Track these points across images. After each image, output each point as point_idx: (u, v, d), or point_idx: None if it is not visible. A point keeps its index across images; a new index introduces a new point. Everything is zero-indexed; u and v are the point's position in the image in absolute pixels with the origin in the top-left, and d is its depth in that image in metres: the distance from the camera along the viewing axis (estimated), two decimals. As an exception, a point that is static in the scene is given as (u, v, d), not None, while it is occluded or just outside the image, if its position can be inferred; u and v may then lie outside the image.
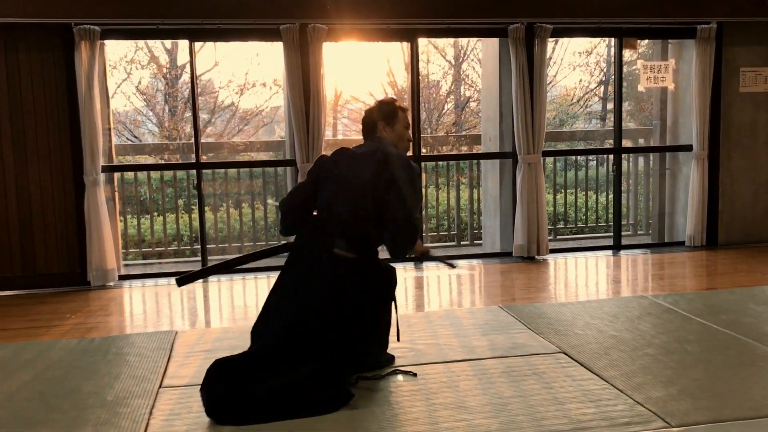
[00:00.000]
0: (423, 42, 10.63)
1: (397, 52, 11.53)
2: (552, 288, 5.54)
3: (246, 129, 11.90)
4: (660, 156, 7.35)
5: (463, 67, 12.53)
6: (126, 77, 10.90)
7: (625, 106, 12.54)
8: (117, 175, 6.40)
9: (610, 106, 11.62)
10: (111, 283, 5.83)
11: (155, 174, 7.41)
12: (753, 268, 5.83)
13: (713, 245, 6.77)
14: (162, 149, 9.80)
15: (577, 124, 13.11)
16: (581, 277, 5.93)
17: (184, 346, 4.01)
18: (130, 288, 5.80)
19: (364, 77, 13.73)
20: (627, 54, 7.02)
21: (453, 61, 12.54)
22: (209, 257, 6.30)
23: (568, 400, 3.08)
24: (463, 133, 11.69)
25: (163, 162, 9.26)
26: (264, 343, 3.17)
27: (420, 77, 6.49)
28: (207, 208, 7.41)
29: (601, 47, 12.36)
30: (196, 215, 6.41)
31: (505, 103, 6.60)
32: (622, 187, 7.38)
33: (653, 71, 6.66)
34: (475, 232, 7.80)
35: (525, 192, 6.31)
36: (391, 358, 3.61)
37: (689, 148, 6.75)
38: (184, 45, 10.40)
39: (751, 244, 6.80)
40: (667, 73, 6.67)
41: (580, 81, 12.89)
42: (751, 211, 6.84)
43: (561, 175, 8.16)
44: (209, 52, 10.87)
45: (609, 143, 8.03)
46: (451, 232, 7.95)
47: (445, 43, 12.08)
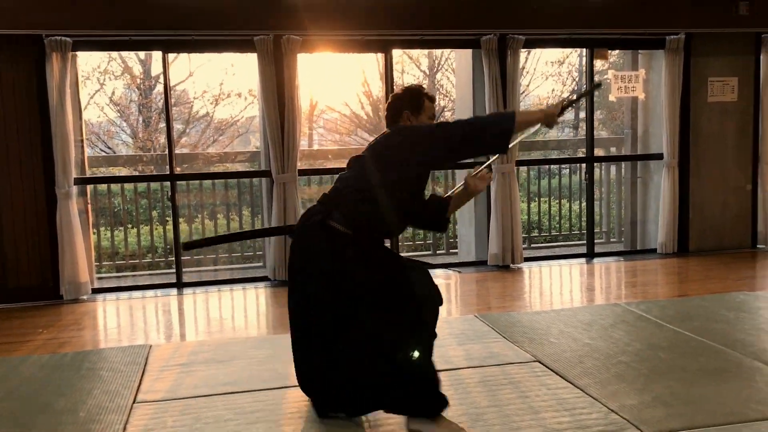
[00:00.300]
0: (398, 52, 10.68)
1: (372, 62, 11.57)
2: (527, 296, 5.59)
3: (221, 139, 11.84)
4: (631, 164, 7.46)
5: (438, 77, 12.60)
6: (99, 88, 10.81)
7: (598, 114, 12.70)
8: (90, 187, 6.33)
9: (583, 114, 11.76)
10: (84, 297, 5.76)
11: (129, 185, 7.35)
12: (723, 275, 5.93)
13: (685, 252, 6.88)
14: (135, 161, 9.71)
15: (551, 133, 13.23)
16: (555, 285, 5.98)
17: (159, 360, 3.97)
18: (104, 301, 5.73)
19: (339, 87, 13.75)
20: (599, 64, 7.13)
21: (428, 71, 12.61)
22: (183, 269, 6.25)
23: (543, 409, 3.11)
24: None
25: (136, 174, 9.17)
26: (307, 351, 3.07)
27: (395, 87, 6.53)
28: (182, 220, 7.35)
29: (573, 57, 12.52)
30: (170, 227, 6.35)
31: (478, 113, 6.66)
32: (596, 196, 7.47)
33: (624, 81, 6.76)
34: (451, 241, 7.84)
35: (499, 201, 6.36)
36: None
37: (660, 156, 6.86)
38: (158, 55, 10.31)
39: (722, 250, 6.91)
40: (637, 83, 6.78)
41: (553, 90, 13.04)
42: (721, 218, 6.96)
43: (535, 183, 8.24)
44: (184, 63, 10.84)
45: (582, 152, 8.12)
46: (427, 241, 7.97)
47: (420, 53, 12.15)
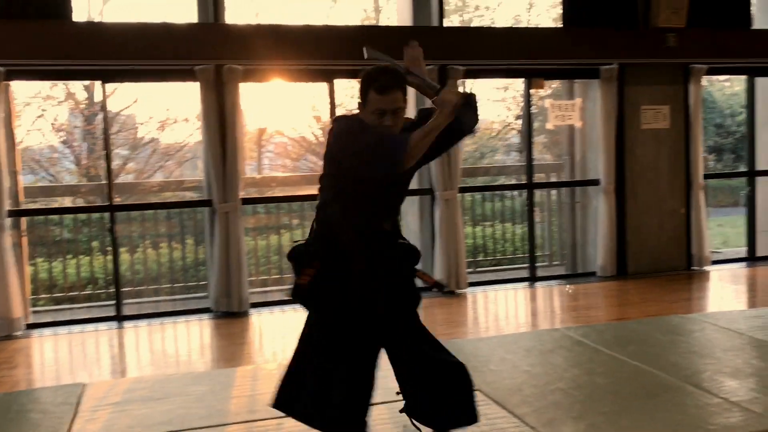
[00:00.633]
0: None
1: (323, 87, 11.56)
2: (470, 322, 5.65)
3: (168, 165, 11.69)
4: (570, 189, 7.64)
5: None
6: (41, 114, 10.56)
7: (542, 138, 12.98)
8: (25, 218, 6.16)
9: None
10: (17, 333, 5.57)
11: (69, 215, 7.18)
12: (660, 297, 6.10)
13: (623, 275, 7.05)
14: (74, 191, 9.48)
15: (497, 156, 13.46)
16: (501, 311, 6.07)
17: (92, 399, 3.87)
18: (40, 337, 5.56)
19: (289, 112, 13.72)
20: (539, 93, 7.32)
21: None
22: (125, 301, 6.13)
23: (479, 440, 3.13)
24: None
25: (77, 205, 8.95)
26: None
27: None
28: (124, 250, 7.20)
29: (518, 83, 12.79)
30: (111, 257, 6.23)
31: (421, 140, 6.72)
32: (537, 219, 7.60)
33: (561, 110, 6.95)
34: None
35: (443, 227, 6.42)
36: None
37: (597, 182, 7.05)
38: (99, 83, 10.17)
39: (659, 272, 7.11)
40: (574, 111, 6.97)
41: (498, 115, 13.32)
42: (657, 240, 7.16)
43: (480, 207, 8.33)
44: (129, 88, 10.66)
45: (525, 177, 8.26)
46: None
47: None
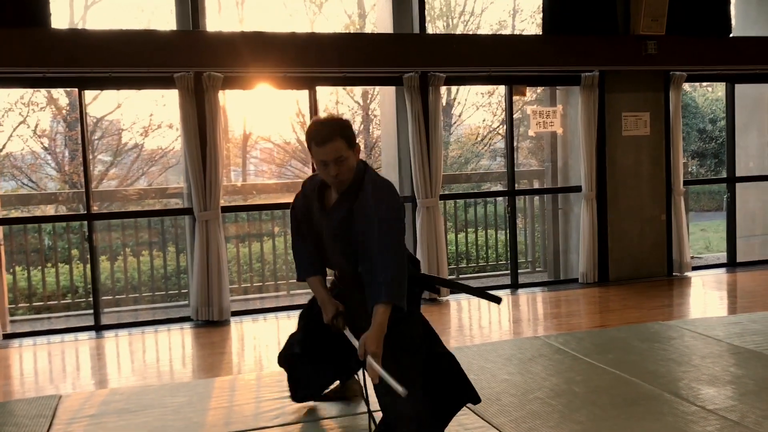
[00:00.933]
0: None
1: (305, 94, 11.53)
2: (451, 331, 5.63)
3: (152, 171, 11.62)
4: (552, 196, 7.66)
5: (372, 106, 12.68)
6: (22, 120, 10.47)
7: (526, 143, 13.03)
8: (2, 227, 6.09)
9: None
10: (-6, 344, 5.51)
11: (48, 224, 7.11)
12: (640, 304, 6.12)
13: (605, 281, 7.07)
14: (51, 199, 9.39)
15: (482, 162, 13.50)
16: (484, 319, 6.05)
17: (68, 411, 3.82)
18: (19, 347, 5.49)
19: (273, 118, 13.68)
20: (522, 99, 7.34)
21: (361, 102, 12.69)
22: (104, 309, 6.07)
23: (456, 452, 3.12)
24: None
25: (51, 215, 8.83)
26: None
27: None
28: (104, 258, 7.14)
29: (502, 89, 12.82)
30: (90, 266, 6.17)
31: (402, 148, 6.73)
32: (520, 226, 7.61)
33: (543, 117, 6.97)
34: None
35: (425, 235, 6.42)
36: None
37: (578, 189, 7.07)
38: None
39: (640, 279, 7.14)
40: (555, 118, 6.99)
41: (484, 120, 13.34)
42: (638, 247, 7.20)
43: (463, 213, 8.34)
44: (112, 94, 10.59)
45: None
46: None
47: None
